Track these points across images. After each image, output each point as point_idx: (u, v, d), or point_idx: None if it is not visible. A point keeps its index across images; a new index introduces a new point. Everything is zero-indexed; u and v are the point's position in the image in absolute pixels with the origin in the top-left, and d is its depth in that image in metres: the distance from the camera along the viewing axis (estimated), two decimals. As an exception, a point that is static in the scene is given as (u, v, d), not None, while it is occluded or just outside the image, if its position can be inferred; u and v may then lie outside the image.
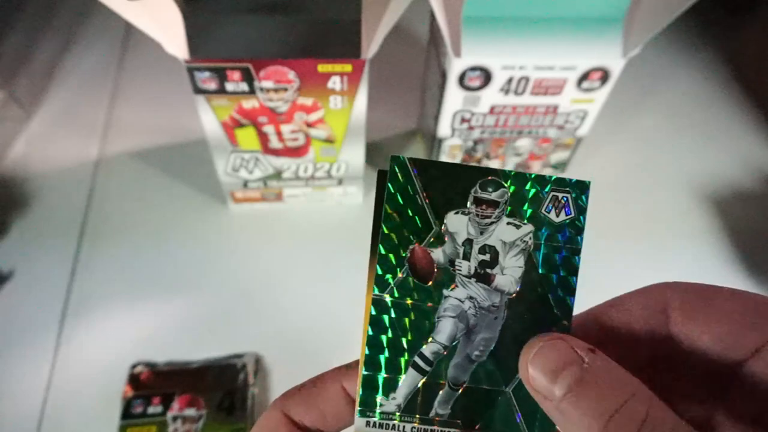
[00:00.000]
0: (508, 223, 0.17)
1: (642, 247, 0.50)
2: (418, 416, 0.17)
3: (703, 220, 0.52)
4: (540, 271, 0.17)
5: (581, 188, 0.17)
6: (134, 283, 0.45)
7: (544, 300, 0.17)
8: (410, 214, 0.17)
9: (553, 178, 0.17)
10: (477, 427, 0.17)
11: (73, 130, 0.55)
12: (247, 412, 0.38)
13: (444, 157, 0.46)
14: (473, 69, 0.37)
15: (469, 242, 0.17)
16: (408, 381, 0.17)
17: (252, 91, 0.38)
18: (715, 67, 0.64)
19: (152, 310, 0.44)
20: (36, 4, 0.57)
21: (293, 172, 0.46)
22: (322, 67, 0.37)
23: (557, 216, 0.17)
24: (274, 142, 0.42)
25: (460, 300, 0.17)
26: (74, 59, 0.60)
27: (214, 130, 0.41)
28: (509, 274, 0.17)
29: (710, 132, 0.59)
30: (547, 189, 0.17)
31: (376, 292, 0.17)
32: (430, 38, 0.44)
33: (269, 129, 0.41)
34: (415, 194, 0.17)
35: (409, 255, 0.17)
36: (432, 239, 0.17)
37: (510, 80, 0.38)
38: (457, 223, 0.17)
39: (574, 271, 0.17)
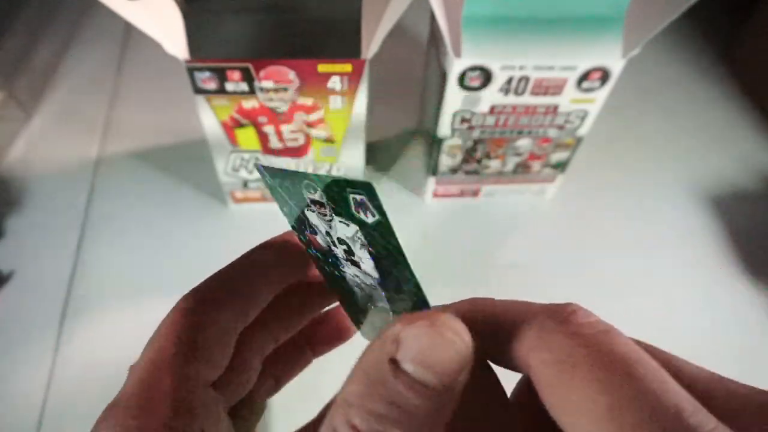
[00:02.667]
0: (340, 222, 0.16)
1: (641, 247, 0.50)
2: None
3: (703, 220, 0.52)
4: (384, 264, 0.16)
5: (367, 190, 0.14)
6: (134, 283, 0.45)
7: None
8: (287, 212, 0.18)
9: (347, 181, 0.15)
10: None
11: (73, 130, 0.55)
12: (247, 412, 0.38)
13: (444, 157, 0.46)
14: (473, 69, 0.37)
15: (328, 234, 0.17)
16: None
17: (252, 91, 0.38)
18: (715, 67, 0.64)
19: (152, 310, 0.43)
20: (36, 4, 0.57)
21: (293, 172, 0.46)
22: (322, 67, 0.37)
23: (367, 217, 0.15)
24: (274, 142, 0.42)
25: (351, 275, 0.18)
26: (74, 59, 0.60)
27: (214, 130, 0.41)
28: (365, 263, 0.17)
29: (710, 132, 0.59)
30: (344, 191, 0.15)
31: (315, 257, 0.19)
32: (430, 38, 0.44)
33: (269, 129, 0.41)
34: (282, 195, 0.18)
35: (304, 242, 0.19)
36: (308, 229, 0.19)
37: (510, 80, 0.38)
38: (314, 219, 0.17)
39: (405, 267, 0.15)
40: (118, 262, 0.46)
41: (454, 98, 0.40)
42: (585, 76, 0.38)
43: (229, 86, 0.37)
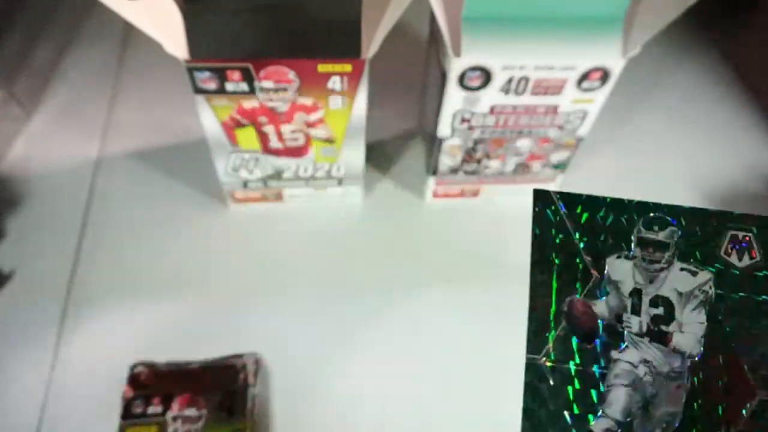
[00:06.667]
0: (682, 269, 0.14)
1: (642, 247, 0.50)
2: None
3: (703, 220, 0.52)
4: (726, 329, 0.13)
5: (762, 224, 0.13)
6: (134, 283, 0.45)
7: (735, 364, 0.13)
8: (563, 259, 0.14)
9: (735, 214, 0.13)
10: None
11: (73, 130, 0.54)
12: (247, 413, 0.38)
13: (444, 157, 0.46)
14: (473, 69, 0.37)
15: (637, 292, 0.14)
16: None
17: (252, 91, 0.38)
18: (715, 67, 0.64)
19: (152, 310, 0.44)
20: (36, 4, 0.57)
21: (293, 172, 0.46)
22: (322, 67, 0.37)
23: (740, 259, 0.13)
24: (274, 142, 0.42)
25: (632, 364, 0.14)
26: (74, 59, 0.60)
27: (214, 130, 0.41)
28: (690, 331, 0.14)
29: (710, 132, 0.59)
30: (723, 226, 0.13)
31: (530, 354, 0.14)
32: (430, 38, 0.44)
33: (269, 129, 0.41)
34: (567, 235, 0.14)
35: (566, 309, 0.14)
36: (591, 289, 0.14)
37: (510, 80, 0.38)
38: (620, 270, 0.14)
39: None
40: (118, 262, 0.46)
41: (454, 98, 0.40)
42: (585, 76, 0.38)
43: (229, 86, 0.37)
